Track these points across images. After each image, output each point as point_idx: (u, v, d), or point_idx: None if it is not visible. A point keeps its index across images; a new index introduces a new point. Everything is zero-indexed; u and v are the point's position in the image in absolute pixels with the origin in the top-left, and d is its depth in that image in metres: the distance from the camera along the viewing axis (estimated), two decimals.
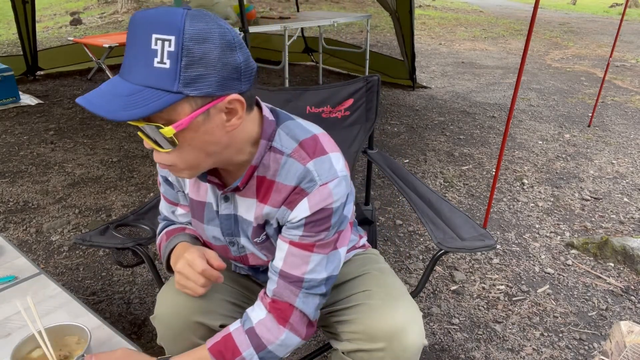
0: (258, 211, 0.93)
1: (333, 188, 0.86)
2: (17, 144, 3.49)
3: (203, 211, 1.00)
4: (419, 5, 13.24)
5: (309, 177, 0.86)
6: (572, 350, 1.77)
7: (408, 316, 0.94)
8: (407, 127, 4.09)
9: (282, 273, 0.91)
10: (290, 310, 0.91)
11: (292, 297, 0.90)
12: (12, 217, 2.55)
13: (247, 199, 0.93)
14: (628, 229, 2.61)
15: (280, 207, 0.90)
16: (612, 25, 11.36)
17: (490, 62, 7.01)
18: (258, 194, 0.92)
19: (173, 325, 0.96)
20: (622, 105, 4.96)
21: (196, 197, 1.00)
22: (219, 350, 0.90)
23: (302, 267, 0.89)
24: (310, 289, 0.91)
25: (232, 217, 0.97)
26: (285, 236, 0.90)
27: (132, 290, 2.02)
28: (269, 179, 0.89)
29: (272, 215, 0.92)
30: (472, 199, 2.90)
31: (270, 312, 0.92)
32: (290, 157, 0.87)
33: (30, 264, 1.31)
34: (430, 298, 2.03)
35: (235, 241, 1.00)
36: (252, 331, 0.91)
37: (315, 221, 0.87)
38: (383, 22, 9.52)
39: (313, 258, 0.89)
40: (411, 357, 0.93)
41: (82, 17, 9.39)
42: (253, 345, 0.90)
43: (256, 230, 0.96)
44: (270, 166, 0.89)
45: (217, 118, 0.77)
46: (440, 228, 1.32)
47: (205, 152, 0.81)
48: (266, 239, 0.97)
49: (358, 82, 1.53)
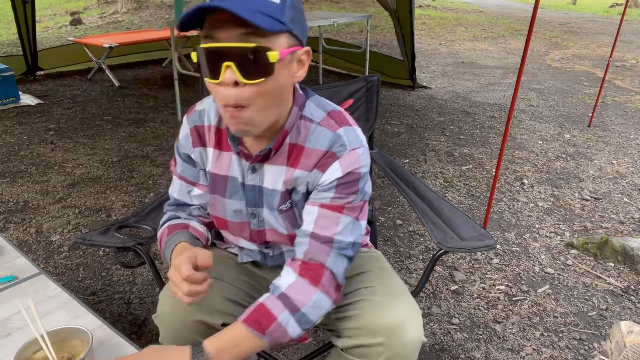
0: (288, 176, 0.97)
1: (361, 154, 0.93)
2: (17, 144, 3.49)
3: (226, 185, 1.03)
4: (419, 5, 13.24)
5: (340, 142, 0.93)
6: (572, 350, 1.77)
7: (408, 313, 0.95)
8: (407, 127, 4.09)
9: (313, 235, 0.94)
10: (321, 271, 0.92)
11: (324, 256, 0.93)
12: (12, 217, 2.55)
13: (275, 167, 0.98)
14: (628, 229, 2.61)
15: (312, 170, 0.95)
16: (612, 25, 11.37)
17: (490, 62, 7.01)
18: (288, 160, 0.97)
19: (175, 324, 0.96)
20: (622, 105, 4.96)
21: (219, 171, 1.03)
22: (254, 320, 0.90)
23: (332, 228, 0.93)
24: (340, 249, 0.94)
25: (257, 188, 1.00)
26: (316, 200, 0.95)
27: (132, 290, 2.02)
28: (299, 145, 0.95)
29: (302, 179, 0.97)
30: (472, 199, 2.90)
31: (301, 274, 0.93)
32: (320, 125, 0.95)
33: (30, 264, 1.31)
34: (430, 298, 2.03)
35: (257, 213, 1.03)
36: (284, 295, 0.91)
37: (346, 183, 0.92)
38: (383, 22, 9.52)
39: (342, 219, 0.94)
40: (410, 353, 0.94)
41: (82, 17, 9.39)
42: (287, 308, 0.90)
43: (283, 196, 0.99)
44: (301, 133, 0.95)
45: (292, 65, 0.86)
46: (440, 228, 1.32)
47: (278, 98, 0.87)
48: (290, 208, 1.00)
49: (358, 82, 1.53)
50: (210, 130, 1.02)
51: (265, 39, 0.79)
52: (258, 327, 0.89)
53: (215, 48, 0.80)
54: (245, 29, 0.79)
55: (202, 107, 1.04)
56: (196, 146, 1.04)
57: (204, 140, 1.03)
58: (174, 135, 3.74)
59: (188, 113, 1.06)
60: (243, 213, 1.04)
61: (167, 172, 3.11)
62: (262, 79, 0.81)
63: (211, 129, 1.02)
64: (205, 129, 1.03)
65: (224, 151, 1.02)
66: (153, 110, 4.33)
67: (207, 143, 1.03)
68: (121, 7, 10.20)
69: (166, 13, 10.14)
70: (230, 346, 0.89)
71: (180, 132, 1.07)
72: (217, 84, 0.83)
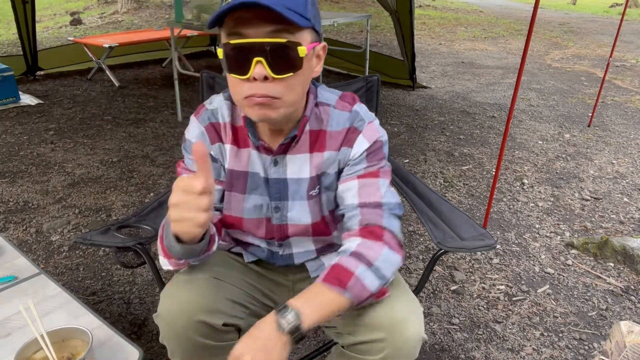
0: (316, 160, 1.02)
1: (377, 125, 1.04)
2: (17, 144, 3.49)
3: (245, 181, 1.04)
4: (419, 5, 13.24)
5: (359, 117, 1.02)
6: (572, 350, 1.77)
7: (409, 309, 0.96)
8: (407, 127, 4.09)
9: (361, 204, 0.99)
10: (381, 231, 0.97)
11: (379, 219, 0.98)
12: (12, 217, 2.55)
13: (299, 156, 1.02)
14: (628, 229, 2.61)
15: (340, 149, 1.02)
16: (612, 25, 11.37)
17: (490, 62, 7.01)
18: (311, 147, 1.02)
19: (176, 324, 0.96)
20: (622, 105, 4.96)
21: (238, 167, 1.04)
22: (333, 277, 0.91)
23: (376, 193, 0.99)
24: (390, 210, 0.99)
25: (282, 181, 1.03)
26: (351, 174, 1.01)
27: (132, 290, 2.02)
28: (322, 130, 1.02)
29: (332, 160, 1.03)
30: (472, 199, 2.90)
31: (363, 236, 0.96)
32: (335, 108, 1.03)
33: (30, 264, 1.31)
34: (430, 298, 2.03)
35: (281, 206, 1.05)
36: (356, 253, 0.94)
37: (374, 151, 1.01)
38: (383, 22, 9.52)
39: (382, 183, 1.01)
40: (411, 349, 0.94)
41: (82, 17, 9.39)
42: (362, 263, 0.92)
43: (312, 182, 1.03)
44: (322, 118, 1.02)
45: (313, 60, 0.92)
46: (440, 228, 1.32)
47: (302, 90, 0.92)
48: (318, 193, 1.05)
49: (358, 82, 1.53)
50: (226, 128, 1.04)
51: (293, 35, 0.84)
52: (338, 283, 0.90)
53: (249, 44, 0.82)
54: (275, 26, 0.82)
55: (213, 106, 1.05)
56: (214, 142, 1.04)
57: (221, 136, 1.05)
58: (174, 135, 3.74)
59: (197, 113, 1.06)
60: (263, 209, 1.06)
61: (167, 172, 3.11)
62: (291, 73, 0.85)
63: (226, 126, 1.04)
64: (221, 126, 1.04)
65: (241, 148, 1.04)
66: (153, 110, 4.33)
67: (224, 140, 1.04)
68: (121, 7, 10.20)
69: (166, 13, 10.14)
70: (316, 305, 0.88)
71: (189, 133, 1.06)
72: (245, 79, 0.85)
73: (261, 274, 1.18)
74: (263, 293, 1.16)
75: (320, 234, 1.11)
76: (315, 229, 1.09)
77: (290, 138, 0.99)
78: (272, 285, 1.18)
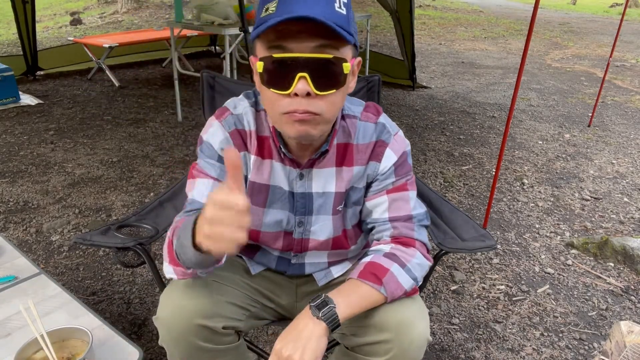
0: (345, 175, 1.01)
1: (402, 136, 1.04)
2: (17, 144, 3.49)
3: (266, 195, 1.02)
4: (419, 5, 13.24)
5: (385, 130, 1.02)
6: (572, 350, 1.77)
7: (416, 310, 0.96)
8: (407, 127, 4.09)
9: (392, 219, 1.01)
10: (412, 241, 1.00)
11: (410, 232, 1.00)
12: (12, 217, 2.55)
13: (325, 170, 1.01)
14: (628, 229, 2.61)
15: (368, 163, 1.02)
16: (612, 25, 11.37)
17: (490, 62, 7.01)
18: (338, 161, 1.01)
19: (175, 328, 0.96)
20: (622, 105, 4.96)
21: (259, 180, 1.02)
22: (369, 272, 0.92)
23: (406, 206, 1.01)
24: (419, 222, 1.02)
25: (307, 195, 1.02)
26: (380, 189, 1.02)
27: (132, 290, 2.02)
28: (349, 143, 1.01)
29: (360, 174, 1.02)
30: (472, 199, 2.90)
31: (395, 244, 0.99)
32: (361, 120, 1.02)
33: (30, 264, 1.31)
34: (430, 298, 2.03)
35: (304, 220, 1.04)
36: (389, 254, 0.96)
37: (400, 164, 1.02)
38: (383, 22, 9.52)
39: (411, 195, 1.03)
40: (417, 351, 0.94)
41: (82, 17, 9.39)
42: (396, 263, 0.94)
43: (339, 197, 1.03)
44: (349, 131, 1.01)
45: (349, 75, 0.89)
46: (441, 228, 1.32)
47: (341, 106, 0.91)
48: (344, 208, 1.04)
49: (359, 82, 1.53)
50: (252, 137, 1.00)
51: (338, 51, 0.82)
52: (374, 279, 0.91)
53: (293, 58, 0.80)
54: (321, 41, 0.80)
55: (238, 111, 1.01)
56: (240, 150, 1.00)
57: (246, 145, 1.01)
58: (174, 135, 3.74)
59: (220, 116, 1.01)
60: (283, 223, 1.04)
61: (167, 172, 3.11)
62: (334, 90, 0.83)
63: (252, 135, 1.00)
64: (247, 134, 1.00)
65: (265, 159, 1.01)
66: (153, 110, 4.33)
67: (250, 149, 1.01)
68: (121, 7, 10.20)
69: (166, 13, 10.14)
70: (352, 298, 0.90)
71: (210, 136, 1.00)
72: (285, 95, 0.82)
73: (263, 275, 1.18)
74: (264, 295, 1.16)
75: (339, 247, 1.11)
76: (335, 243, 1.08)
77: (322, 152, 0.97)
78: (275, 286, 1.18)
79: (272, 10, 0.80)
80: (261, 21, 0.82)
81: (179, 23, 3.80)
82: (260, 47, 0.85)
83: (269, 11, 0.81)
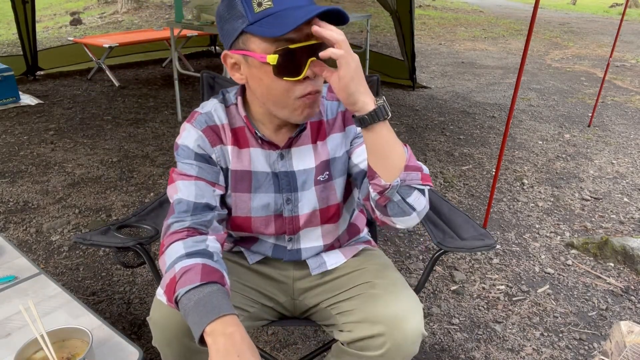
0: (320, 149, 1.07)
1: None
2: (17, 144, 3.49)
3: (250, 181, 1.05)
4: (419, 5, 13.24)
5: None
6: (572, 350, 1.77)
7: (409, 305, 0.96)
8: (407, 127, 4.09)
9: None
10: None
11: None
12: (12, 217, 2.55)
13: (302, 148, 1.06)
14: (628, 229, 2.61)
15: (345, 129, 1.08)
16: (612, 25, 11.36)
17: (490, 62, 7.01)
18: (313, 138, 1.07)
19: (168, 329, 0.96)
20: (622, 105, 4.96)
21: (241, 167, 1.05)
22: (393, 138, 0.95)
23: None
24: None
25: (290, 173, 1.06)
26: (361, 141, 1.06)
27: (132, 290, 2.02)
28: (321, 120, 1.07)
29: (338, 141, 1.08)
30: (472, 199, 2.90)
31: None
32: (327, 100, 1.09)
33: (30, 264, 1.31)
34: (430, 298, 2.03)
35: (292, 197, 1.07)
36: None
37: None
38: (383, 22, 9.52)
39: None
40: (411, 345, 0.94)
41: (82, 17, 9.39)
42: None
43: (319, 168, 1.07)
44: (320, 110, 1.07)
45: None
46: (440, 228, 1.32)
47: None
48: (327, 179, 1.08)
49: None
50: (225, 129, 1.04)
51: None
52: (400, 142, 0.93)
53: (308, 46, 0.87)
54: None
55: (206, 109, 1.05)
56: (215, 145, 1.03)
57: (221, 138, 1.04)
58: (174, 135, 3.74)
59: (190, 119, 1.04)
60: (271, 206, 1.07)
61: (167, 172, 3.11)
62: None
63: (225, 128, 1.04)
64: (219, 127, 1.04)
65: (243, 148, 1.05)
66: (153, 110, 4.33)
67: (225, 141, 1.04)
68: (121, 7, 10.20)
69: (166, 13, 10.14)
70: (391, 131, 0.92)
71: (184, 139, 1.02)
72: (297, 81, 0.90)
73: (261, 273, 1.18)
74: (262, 294, 1.16)
75: (329, 220, 1.12)
76: (323, 215, 1.10)
77: (300, 130, 1.03)
78: (272, 284, 1.18)
79: (269, 4, 0.85)
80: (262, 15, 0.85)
81: (179, 23, 3.80)
82: (260, 41, 0.87)
83: (264, 6, 0.85)
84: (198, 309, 0.81)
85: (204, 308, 0.81)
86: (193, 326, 0.81)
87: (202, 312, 0.81)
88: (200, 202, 0.98)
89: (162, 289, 0.89)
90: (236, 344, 0.78)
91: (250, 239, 1.16)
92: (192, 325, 0.81)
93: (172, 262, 0.89)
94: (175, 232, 0.94)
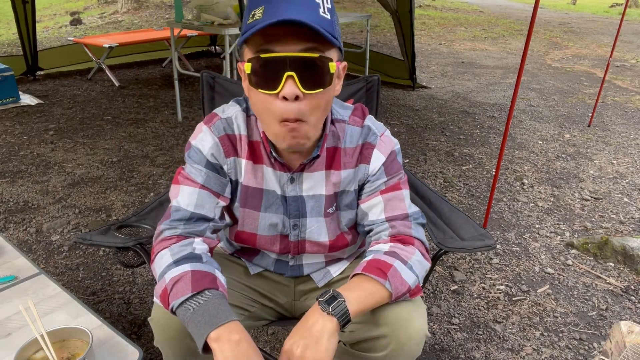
0: (334, 179, 1.02)
1: (389, 134, 1.04)
2: (17, 144, 3.49)
3: (260, 199, 1.03)
4: (419, 5, 13.24)
5: (371, 132, 1.02)
6: (572, 350, 1.77)
7: (413, 307, 0.96)
8: (407, 127, 4.09)
9: (389, 218, 1.01)
10: (411, 239, 1.00)
11: (408, 230, 1.00)
12: (12, 217, 2.55)
13: (315, 173, 1.01)
14: (628, 229, 2.61)
15: (357, 165, 1.03)
16: (612, 25, 11.36)
17: (490, 62, 7.01)
18: (327, 164, 1.02)
19: (169, 329, 0.96)
20: (622, 105, 4.96)
21: (254, 184, 1.02)
22: (373, 267, 0.92)
23: (401, 205, 1.02)
24: (415, 220, 1.02)
25: (299, 198, 1.03)
26: (373, 191, 1.02)
27: (132, 290, 2.02)
28: (338, 147, 1.02)
29: (350, 178, 1.03)
30: (472, 199, 2.90)
31: (394, 242, 0.99)
32: (349, 124, 1.02)
33: (30, 264, 1.31)
34: (430, 298, 2.03)
35: (299, 223, 1.04)
36: (389, 252, 0.96)
37: (390, 163, 1.02)
38: (383, 22, 9.52)
39: (404, 194, 1.03)
40: (415, 346, 0.94)
41: (82, 17, 9.39)
42: (398, 259, 0.94)
43: (329, 199, 1.03)
44: (339, 135, 1.01)
45: (335, 79, 0.89)
46: (441, 228, 1.32)
47: (326, 110, 0.90)
48: (335, 211, 1.05)
49: (358, 82, 1.53)
50: (242, 141, 1.00)
51: (323, 53, 0.84)
52: (379, 273, 0.90)
53: (281, 57, 0.81)
54: (306, 44, 0.82)
55: (227, 115, 1.01)
56: (230, 156, 1.00)
57: (237, 150, 1.00)
58: (174, 135, 3.74)
59: (209, 121, 1.00)
60: (279, 226, 1.05)
61: (167, 172, 3.11)
62: (321, 89, 0.84)
63: (242, 139, 1.00)
64: (237, 138, 1.00)
65: (257, 164, 1.01)
66: (153, 110, 4.33)
67: (241, 154, 1.01)
68: (121, 7, 10.19)
69: (166, 13, 10.14)
70: (360, 293, 0.89)
71: (199, 142, 0.99)
72: (275, 97, 0.84)
73: (262, 275, 1.18)
74: (263, 295, 1.16)
75: (335, 250, 1.11)
76: (332, 246, 1.09)
77: (313, 157, 0.98)
78: (273, 286, 1.18)
79: (259, 16, 0.81)
80: (248, 27, 0.83)
81: (179, 23, 3.80)
82: (248, 52, 0.86)
83: (256, 17, 0.82)
84: (196, 319, 0.82)
85: (202, 318, 0.81)
86: (194, 336, 0.82)
87: (201, 322, 0.81)
88: (198, 213, 0.96)
89: (157, 298, 0.90)
90: (243, 351, 0.80)
91: (252, 251, 1.15)
92: (194, 336, 0.82)
93: (161, 272, 0.89)
94: (164, 239, 0.94)
